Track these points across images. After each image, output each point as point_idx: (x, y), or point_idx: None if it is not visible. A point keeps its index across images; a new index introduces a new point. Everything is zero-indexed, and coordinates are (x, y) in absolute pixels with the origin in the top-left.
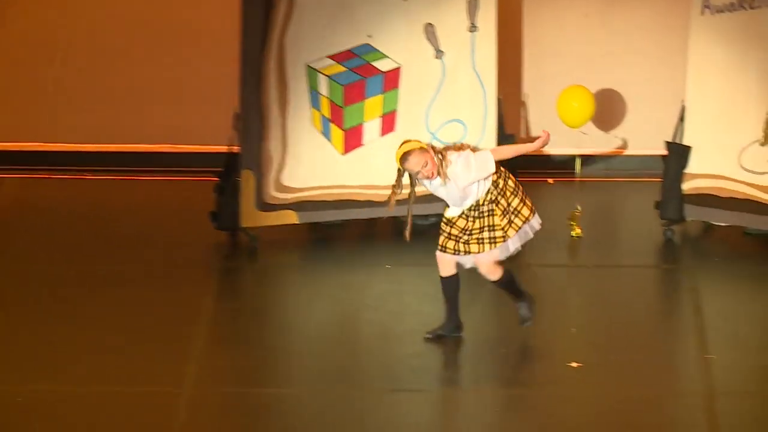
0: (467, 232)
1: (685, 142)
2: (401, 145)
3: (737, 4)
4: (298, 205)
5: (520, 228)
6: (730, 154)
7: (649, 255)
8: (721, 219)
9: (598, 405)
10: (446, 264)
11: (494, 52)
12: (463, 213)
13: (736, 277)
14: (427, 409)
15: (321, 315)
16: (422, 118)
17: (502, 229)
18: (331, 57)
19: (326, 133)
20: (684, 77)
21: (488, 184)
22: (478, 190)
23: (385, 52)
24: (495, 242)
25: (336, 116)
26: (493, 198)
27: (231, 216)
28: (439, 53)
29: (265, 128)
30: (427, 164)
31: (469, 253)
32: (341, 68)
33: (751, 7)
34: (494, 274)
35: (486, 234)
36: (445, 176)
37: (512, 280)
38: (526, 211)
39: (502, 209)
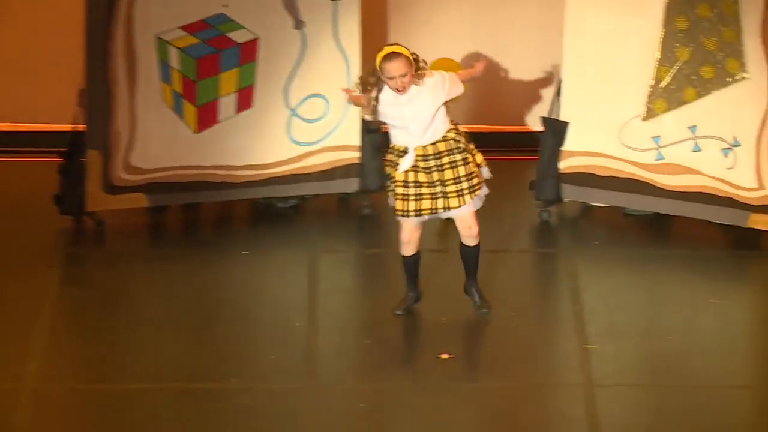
0: (435, 185)
1: (562, 117)
2: (387, 47)
3: None
4: (149, 188)
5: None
6: (610, 131)
7: (524, 238)
8: (601, 199)
9: (473, 398)
10: (413, 237)
11: (358, 22)
12: (418, 165)
13: (616, 261)
14: (286, 405)
15: (174, 305)
16: (281, 93)
17: (477, 176)
18: (183, 28)
19: (178, 110)
20: (561, 48)
21: (447, 124)
22: (443, 124)
23: (241, 23)
24: (474, 191)
25: (188, 91)
26: (461, 147)
27: (76, 199)
28: (299, 24)
29: (112, 105)
30: (405, 75)
31: (449, 208)
32: (194, 40)
33: None
34: (476, 232)
35: (464, 184)
36: (421, 84)
37: (479, 254)
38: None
39: (471, 155)
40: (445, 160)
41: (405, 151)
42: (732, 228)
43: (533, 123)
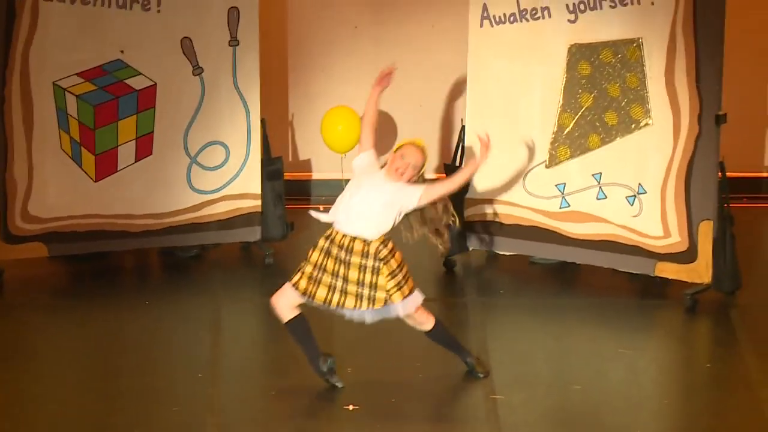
0: (338, 277)
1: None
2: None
3: (518, 15)
4: (48, 237)
5: (403, 298)
6: (514, 178)
7: (430, 287)
8: (506, 248)
9: None
10: (289, 304)
11: (257, 67)
12: (331, 251)
13: (523, 310)
14: None
15: (75, 356)
16: (180, 141)
17: (387, 291)
18: (80, 74)
19: (76, 158)
20: (464, 94)
21: (379, 236)
22: (375, 231)
23: (138, 69)
24: (374, 302)
25: (86, 139)
26: (383, 257)
27: None
28: (197, 69)
29: (9, 152)
30: (409, 167)
31: (343, 306)
32: (91, 86)
33: (533, 18)
34: (421, 321)
35: (366, 291)
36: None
37: (442, 332)
38: (406, 290)
39: (390, 270)
40: (355, 260)
41: (328, 228)
42: (639, 276)
43: (438, 170)
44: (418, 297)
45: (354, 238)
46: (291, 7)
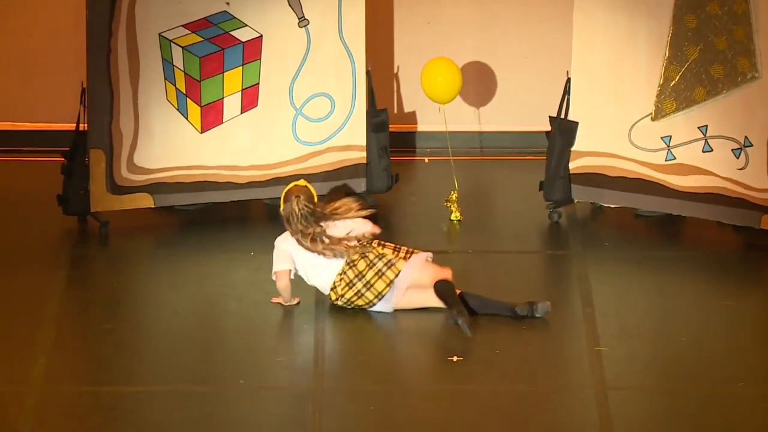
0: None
1: (571, 117)
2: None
3: None
4: (153, 187)
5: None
6: (620, 131)
7: (534, 240)
8: (611, 200)
9: (483, 401)
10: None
11: (363, 19)
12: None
13: (627, 263)
14: (293, 410)
15: (179, 306)
16: (286, 92)
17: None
18: (186, 26)
19: (182, 109)
20: (569, 48)
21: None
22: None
23: (244, 21)
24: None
25: (192, 91)
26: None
27: (80, 200)
28: (303, 21)
29: (115, 104)
30: None
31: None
32: (197, 38)
33: None
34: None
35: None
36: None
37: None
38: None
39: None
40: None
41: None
42: (744, 229)
43: (542, 123)
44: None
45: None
46: None
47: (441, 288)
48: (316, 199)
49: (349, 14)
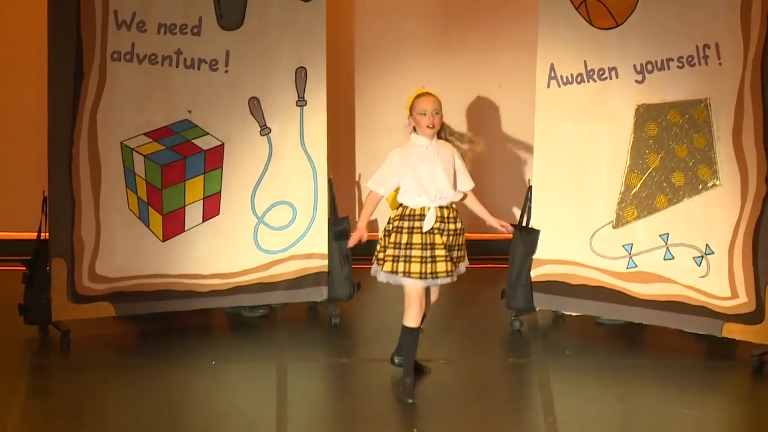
0: (449, 248)
1: (533, 225)
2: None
3: (586, 75)
4: (115, 296)
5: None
6: (581, 238)
7: (496, 348)
8: (573, 308)
9: None
10: (419, 302)
11: (324, 127)
12: (433, 227)
13: (589, 371)
14: None
15: (141, 417)
16: (248, 201)
17: (461, 251)
18: (148, 134)
19: (144, 218)
20: (531, 154)
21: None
22: (453, 192)
23: (206, 129)
24: (458, 262)
25: (154, 199)
26: (462, 225)
27: (41, 309)
28: (265, 129)
29: (76, 213)
30: (438, 112)
31: (457, 273)
32: (159, 146)
33: (600, 79)
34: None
35: (463, 252)
36: (446, 141)
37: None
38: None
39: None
40: (451, 226)
41: (421, 215)
42: (706, 337)
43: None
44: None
45: (447, 206)
46: (358, 67)
47: (406, 339)
48: None
49: (310, 122)
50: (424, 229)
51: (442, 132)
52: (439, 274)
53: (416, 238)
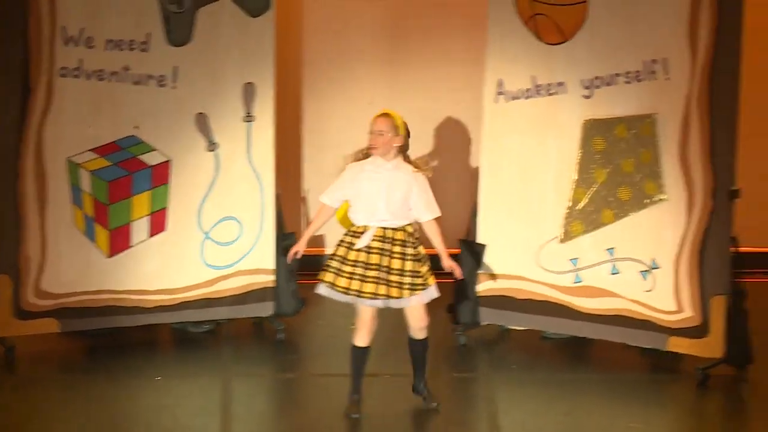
0: (382, 270)
1: (479, 239)
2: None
3: (533, 90)
4: (60, 312)
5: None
6: (528, 253)
7: (442, 362)
8: (518, 322)
9: None
10: (368, 325)
11: (272, 143)
12: (372, 246)
13: (534, 385)
14: None
15: None
16: (194, 216)
17: (423, 276)
18: (95, 150)
19: (90, 234)
20: (477, 170)
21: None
22: (405, 215)
23: (153, 145)
24: (415, 290)
25: (100, 215)
26: (414, 243)
27: None
28: (212, 145)
29: (22, 229)
30: (383, 134)
31: (389, 297)
32: (105, 162)
33: (548, 94)
34: (425, 324)
35: (407, 279)
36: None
37: (428, 348)
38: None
39: (422, 258)
40: (397, 249)
41: (362, 232)
42: (651, 351)
43: (451, 245)
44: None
45: (393, 228)
46: (306, 83)
47: (351, 356)
48: None
49: (258, 138)
50: (356, 246)
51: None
52: (363, 294)
53: (351, 254)
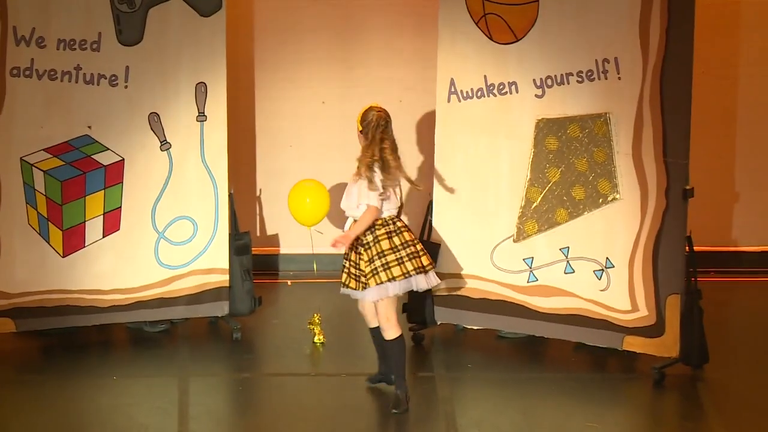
0: (352, 262)
1: (434, 239)
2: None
3: (486, 90)
4: (15, 312)
5: (382, 283)
6: (482, 252)
7: None
8: (474, 322)
9: None
10: (362, 311)
11: (224, 143)
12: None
13: (491, 384)
14: None
15: None
16: (148, 216)
17: (365, 276)
18: (48, 150)
19: (44, 234)
20: (431, 169)
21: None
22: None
23: (106, 144)
24: (365, 284)
25: (54, 215)
26: (367, 241)
27: None
28: (165, 144)
29: None
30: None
31: (348, 287)
32: (59, 162)
33: (500, 93)
34: (389, 324)
35: (357, 270)
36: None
37: (403, 352)
38: (407, 266)
39: (369, 257)
40: (360, 239)
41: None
42: (606, 350)
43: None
44: (386, 290)
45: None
46: (259, 83)
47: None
48: None
49: (210, 138)
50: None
51: None
52: (344, 283)
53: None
